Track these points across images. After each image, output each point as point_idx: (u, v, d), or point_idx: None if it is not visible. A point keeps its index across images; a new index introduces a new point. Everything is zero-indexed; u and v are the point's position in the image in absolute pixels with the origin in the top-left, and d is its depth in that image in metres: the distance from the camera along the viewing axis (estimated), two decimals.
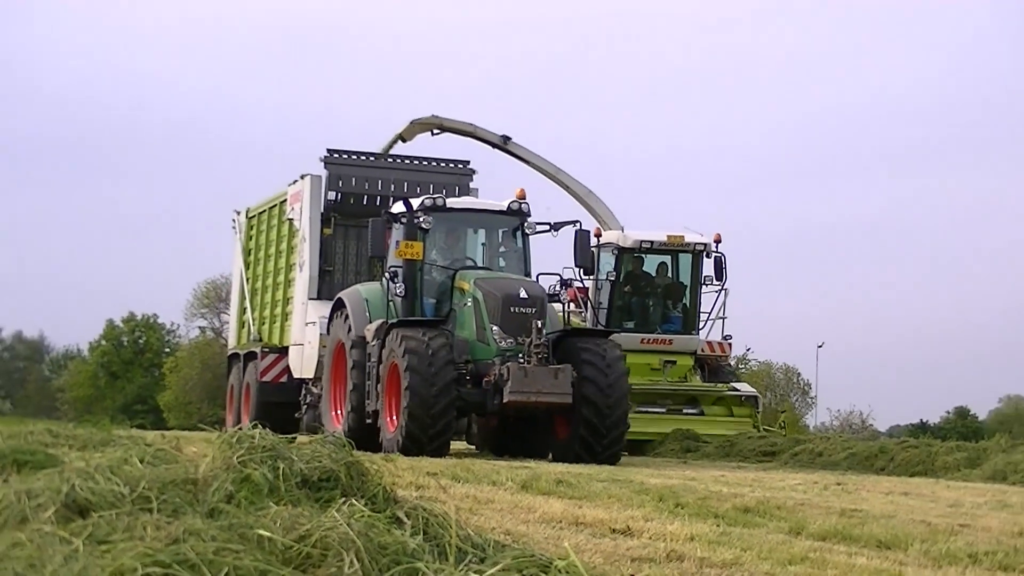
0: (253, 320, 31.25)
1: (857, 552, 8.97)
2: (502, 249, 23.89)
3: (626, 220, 31.41)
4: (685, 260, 29.40)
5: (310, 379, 27.03)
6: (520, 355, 21.17)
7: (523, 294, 21.65)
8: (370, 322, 22.83)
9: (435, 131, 31.35)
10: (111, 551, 4.42)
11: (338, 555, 4.47)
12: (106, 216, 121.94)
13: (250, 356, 30.45)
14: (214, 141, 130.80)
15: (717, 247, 28.72)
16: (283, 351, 28.91)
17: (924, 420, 63.30)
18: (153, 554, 4.23)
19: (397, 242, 22.69)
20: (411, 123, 31.01)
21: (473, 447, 24.98)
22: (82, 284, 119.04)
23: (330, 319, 24.51)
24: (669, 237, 29.04)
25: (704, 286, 29.03)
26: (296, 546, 4.51)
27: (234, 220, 33.67)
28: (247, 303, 32.00)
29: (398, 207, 23.34)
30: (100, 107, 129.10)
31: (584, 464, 19.27)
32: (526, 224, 23.46)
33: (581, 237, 23.59)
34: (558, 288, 23.70)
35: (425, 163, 28.67)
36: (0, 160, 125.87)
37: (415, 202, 22.99)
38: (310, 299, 27.32)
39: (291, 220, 28.82)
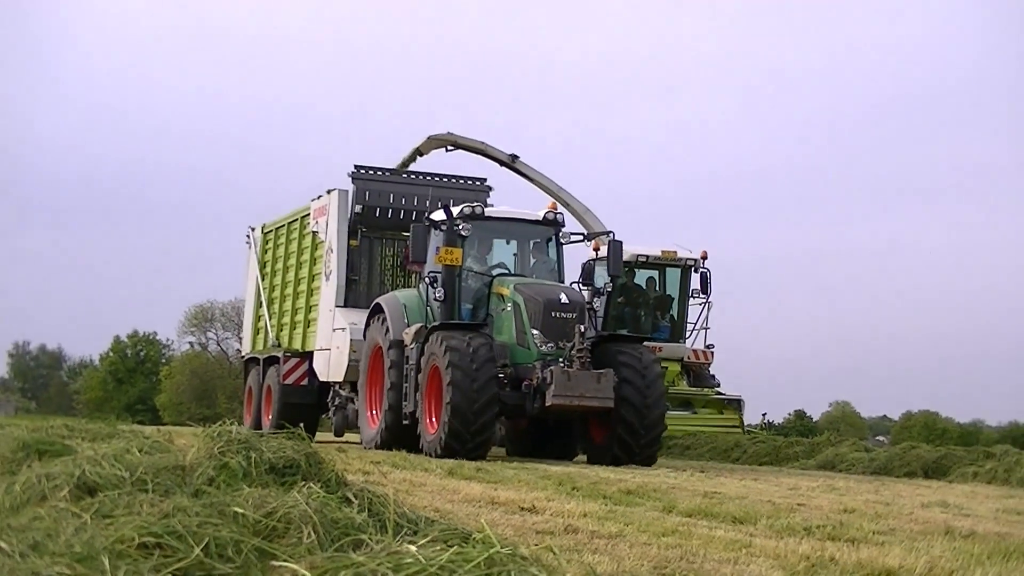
0: (271, 327, 28.16)
1: (716, 526, 8.98)
2: (533, 260, 20.78)
3: None
4: (673, 274, 26.53)
5: (338, 382, 24.09)
6: (561, 359, 18.30)
7: (564, 299, 18.86)
8: (408, 326, 20.08)
9: (449, 148, 28.09)
10: (114, 524, 4.38)
11: (298, 528, 4.44)
12: (114, 251, 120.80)
13: (270, 360, 27.32)
14: (204, 193, 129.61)
15: (703, 263, 25.95)
16: (305, 355, 25.94)
17: (771, 421, 63.53)
18: (148, 526, 4.19)
19: (437, 248, 19.73)
20: (428, 138, 27.80)
21: (499, 449, 22.20)
22: (95, 306, 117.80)
23: (367, 324, 21.56)
24: (663, 252, 26.28)
25: (692, 298, 26.16)
26: (264, 520, 4.48)
27: (248, 235, 30.43)
28: (264, 311, 28.78)
29: (438, 214, 20.23)
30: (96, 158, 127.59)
31: (621, 467, 17.44)
32: (561, 234, 20.71)
33: (614, 247, 20.48)
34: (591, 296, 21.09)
35: (446, 179, 25.64)
36: (32, 205, 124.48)
37: (455, 210, 20.06)
38: (337, 306, 24.22)
39: (315, 232, 25.76)
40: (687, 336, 26.47)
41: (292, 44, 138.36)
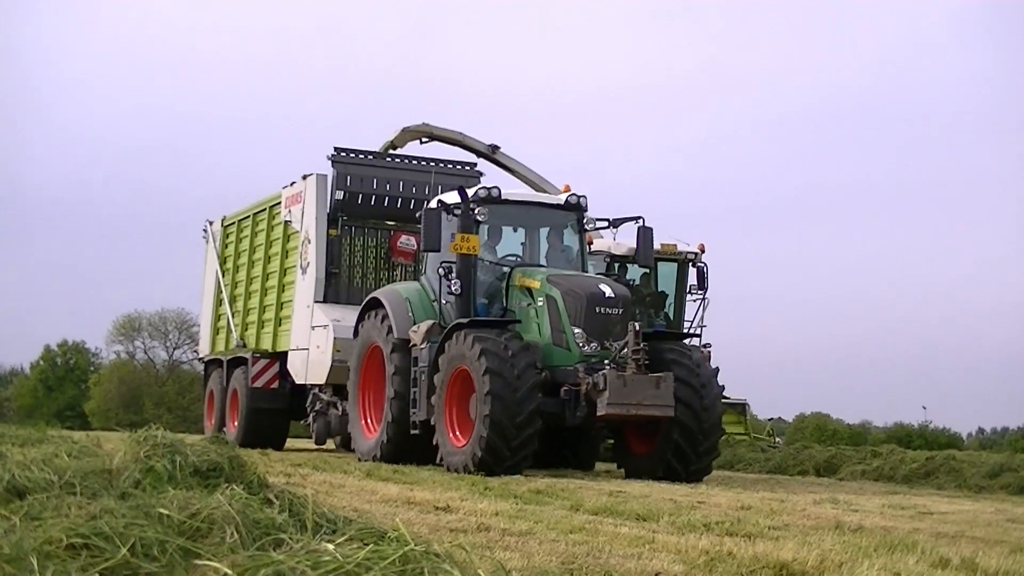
0: (235, 326, 24.84)
1: (621, 523, 9.03)
2: (548, 248, 17.87)
3: None
4: (666, 269, 23.24)
5: (318, 385, 21.06)
6: (607, 361, 15.38)
7: (609, 293, 15.92)
8: (414, 323, 17.14)
9: (424, 139, 24.74)
10: (42, 526, 4.32)
11: (221, 528, 4.41)
12: (43, 261, 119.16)
13: (235, 362, 24.07)
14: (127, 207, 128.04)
15: (701, 257, 23.13)
16: (275, 356, 22.91)
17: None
18: (75, 528, 4.14)
19: (452, 235, 16.80)
20: (403, 130, 24.43)
21: None
22: (25, 316, 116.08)
23: (359, 321, 18.47)
24: (663, 245, 22.55)
25: (689, 295, 23.24)
26: (188, 521, 4.44)
27: (205, 230, 27.18)
28: (226, 309, 25.50)
29: (451, 197, 17.31)
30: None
31: (666, 483, 14.93)
32: (585, 219, 17.74)
33: (644, 234, 17.75)
34: None
35: (433, 164, 22.34)
36: None
37: (469, 192, 17.25)
38: (316, 302, 21.23)
39: (287, 222, 22.71)
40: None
41: (239, 57, 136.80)
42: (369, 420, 18.27)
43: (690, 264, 23.22)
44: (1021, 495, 18.10)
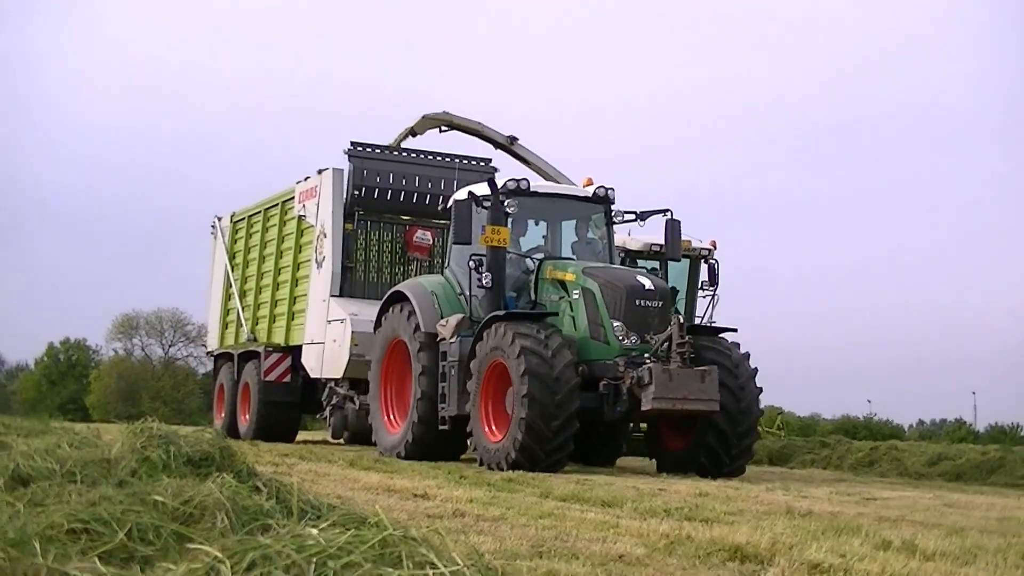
0: (246, 320, 23.71)
1: (587, 509, 9.06)
2: (575, 241, 16.72)
3: None
4: (678, 265, 20.45)
5: (334, 379, 19.96)
6: (647, 355, 14.30)
7: (649, 286, 14.85)
8: (441, 317, 15.99)
9: (443, 128, 23.35)
10: (45, 512, 4.33)
11: (212, 514, 4.42)
12: (47, 266, 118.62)
13: (246, 356, 22.99)
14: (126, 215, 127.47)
15: (712, 254, 21.33)
16: (288, 350, 21.91)
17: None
18: (76, 514, 4.15)
19: (483, 227, 15.60)
20: (423, 117, 23.10)
21: None
22: (30, 315, 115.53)
23: (380, 315, 17.29)
24: None
25: (700, 291, 21.43)
26: (181, 508, 4.45)
27: (214, 225, 26.11)
28: (236, 303, 24.35)
29: (482, 188, 16.09)
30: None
31: (707, 479, 13.88)
32: (613, 212, 16.60)
33: (672, 227, 16.44)
34: None
35: (449, 159, 20.99)
36: None
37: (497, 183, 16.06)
38: (332, 296, 20.06)
39: (301, 217, 21.61)
40: None
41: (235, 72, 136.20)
42: (392, 415, 17.10)
43: (702, 260, 21.57)
44: (957, 482, 18.26)
